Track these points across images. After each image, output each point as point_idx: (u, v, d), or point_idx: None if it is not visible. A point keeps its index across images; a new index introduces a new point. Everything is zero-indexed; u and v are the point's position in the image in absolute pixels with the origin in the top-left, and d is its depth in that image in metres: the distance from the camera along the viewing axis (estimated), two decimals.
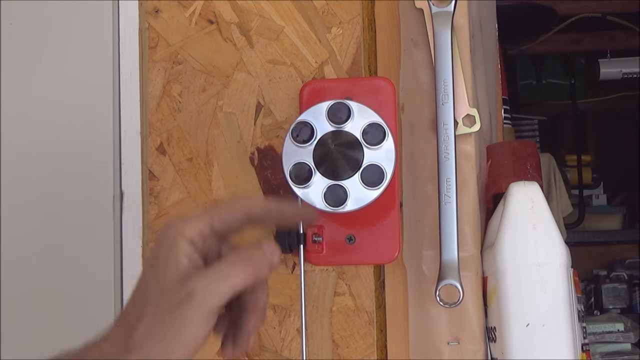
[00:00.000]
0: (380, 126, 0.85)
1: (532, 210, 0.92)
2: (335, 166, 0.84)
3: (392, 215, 0.93)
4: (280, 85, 1.01)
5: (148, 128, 1.03)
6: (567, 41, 3.14)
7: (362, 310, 0.97)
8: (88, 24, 1.05)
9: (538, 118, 3.43)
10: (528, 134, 3.40)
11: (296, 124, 0.86)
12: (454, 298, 0.91)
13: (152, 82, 1.03)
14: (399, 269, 0.98)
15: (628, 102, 3.37)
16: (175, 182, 1.02)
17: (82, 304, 1.01)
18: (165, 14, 1.04)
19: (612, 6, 2.84)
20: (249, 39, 1.02)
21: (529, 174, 0.98)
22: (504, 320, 0.90)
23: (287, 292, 0.98)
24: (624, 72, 3.13)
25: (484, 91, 1.06)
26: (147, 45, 1.04)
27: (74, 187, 1.03)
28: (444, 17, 0.97)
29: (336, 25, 1.01)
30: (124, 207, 1.02)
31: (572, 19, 2.87)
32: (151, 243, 1.01)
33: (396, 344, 0.98)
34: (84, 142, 1.03)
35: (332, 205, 0.84)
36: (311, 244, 0.93)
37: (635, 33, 2.97)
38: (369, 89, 0.94)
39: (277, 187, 1.00)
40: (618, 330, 2.60)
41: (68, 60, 1.05)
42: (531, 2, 2.67)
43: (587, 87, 3.38)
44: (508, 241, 0.92)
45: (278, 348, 0.98)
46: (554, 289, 0.90)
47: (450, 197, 0.92)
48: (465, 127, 0.97)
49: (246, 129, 1.01)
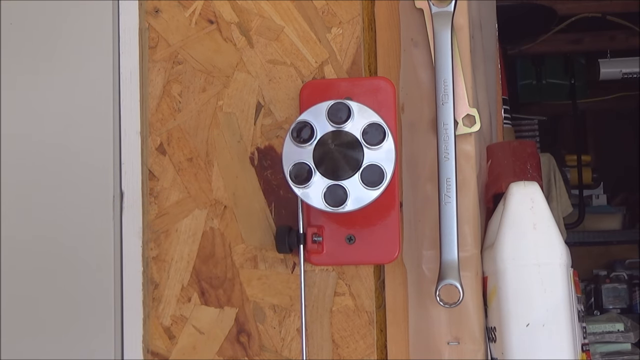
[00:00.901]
0: (380, 126, 0.85)
1: (532, 210, 0.92)
2: (335, 166, 0.84)
3: (392, 215, 0.93)
4: (280, 85, 1.01)
5: (148, 128, 1.03)
6: (567, 41, 3.14)
7: (362, 310, 0.97)
8: (88, 24, 1.05)
9: (538, 118, 3.43)
10: (528, 134, 3.40)
11: (296, 124, 0.86)
12: (454, 298, 0.91)
13: (152, 82, 1.03)
14: (399, 269, 0.98)
15: (628, 102, 3.37)
16: (175, 182, 1.02)
17: (82, 304, 1.01)
18: (165, 14, 1.04)
19: (612, 6, 2.84)
20: (249, 39, 1.02)
21: (529, 174, 0.98)
22: (504, 320, 0.90)
23: (287, 292, 0.98)
24: (624, 72, 3.13)
25: (484, 91, 1.06)
26: (147, 45, 1.04)
27: (74, 187, 1.03)
28: (444, 17, 0.97)
29: (336, 25, 1.01)
30: (124, 207, 1.02)
31: (572, 19, 2.87)
32: (151, 243, 1.01)
33: (396, 344, 0.98)
34: (84, 142, 1.03)
35: (332, 205, 0.84)
36: (311, 244, 0.93)
37: (635, 33, 2.97)
38: (369, 89, 0.94)
39: (277, 187, 1.00)
40: (618, 330, 2.60)
41: (68, 60, 1.05)
42: (531, 2, 2.67)
43: (587, 87, 3.38)
44: (508, 241, 0.92)
45: (278, 348, 0.98)
46: (554, 289, 0.90)
47: (450, 197, 0.92)
48: (465, 127, 0.97)
49: (246, 129, 1.01)
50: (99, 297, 1.01)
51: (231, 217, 1.00)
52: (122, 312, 1.01)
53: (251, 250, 0.99)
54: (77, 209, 1.02)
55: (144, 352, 1.00)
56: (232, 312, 0.99)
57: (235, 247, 1.00)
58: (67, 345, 1.01)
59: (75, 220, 1.02)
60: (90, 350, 1.00)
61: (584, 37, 3.14)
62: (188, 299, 1.00)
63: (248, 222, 1.00)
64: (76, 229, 1.02)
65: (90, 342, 1.01)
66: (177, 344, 1.00)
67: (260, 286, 0.99)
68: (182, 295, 1.00)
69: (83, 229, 1.02)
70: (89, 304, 1.01)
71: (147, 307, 1.00)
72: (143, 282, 1.01)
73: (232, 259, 1.00)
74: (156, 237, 1.01)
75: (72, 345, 1.01)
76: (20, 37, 1.05)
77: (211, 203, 1.01)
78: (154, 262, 1.01)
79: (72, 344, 1.01)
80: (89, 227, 1.02)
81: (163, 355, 1.00)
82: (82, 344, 1.01)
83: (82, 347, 1.01)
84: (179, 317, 1.00)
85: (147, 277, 1.01)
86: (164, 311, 1.00)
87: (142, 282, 1.01)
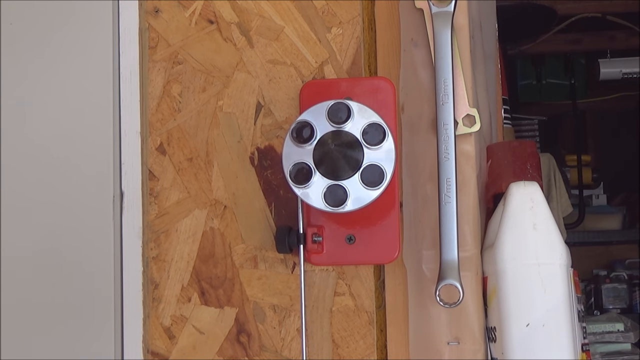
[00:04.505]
0: (380, 126, 0.85)
1: (532, 210, 0.92)
2: (335, 166, 0.84)
3: (392, 215, 0.93)
4: (280, 85, 1.01)
5: (148, 128, 1.03)
6: (567, 41, 3.14)
7: (362, 310, 0.97)
8: (88, 24, 1.05)
9: (538, 118, 3.43)
10: (528, 134, 3.40)
11: (296, 124, 0.86)
12: (454, 298, 0.91)
13: (152, 82, 1.03)
14: (399, 269, 0.98)
15: (628, 102, 3.36)
16: (175, 182, 1.02)
17: (82, 304, 1.01)
18: (165, 14, 1.04)
19: (612, 6, 2.84)
20: (249, 39, 1.02)
21: (529, 174, 0.98)
22: (504, 320, 0.90)
23: (287, 292, 0.98)
24: (624, 72, 3.13)
25: (484, 91, 1.06)
26: (147, 45, 1.04)
27: (74, 187, 1.03)
28: (444, 17, 0.97)
29: (336, 25, 1.01)
30: (124, 207, 1.03)
31: (572, 19, 2.87)
32: (151, 243, 1.01)
33: (396, 344, 0.98)
34: (84, 142, 1.03)
35: (332, 205, 0.84)
36: (311, 244, 0.93)
37: (635, 33, 2.97)
38: (369, 89, 0.94)
39: (277, 187, 1.00)
40: (618, 330, 2.60)
41: (68, 60, 1.05)
42: (531, 2, 2.67)
43: (587, 87, 3.38)
44: (508, 241, 0.92)
45: (278, 348, 0.98)
46: (554, 289, 0.90)
47: (450, 197, 0.92)
48: (465, 127, 0.97)
49: (246, 129, 1.01)
50: (99, 297, 1.01)
51: (231, 217, 1.00)
52: (122, 312, 1.01)
53: (251, 250, 0.99)
54: (77, 209, 1.02)
55: (144, 352, 1.00)
56: (232, 312, 0.99)
57: (235, 247, 1.00)
58: (67, 345, 1.01)
59: (76, 220, 1.02)
60: (90, 350, 1.00)
61: (584, 37, 3.14)
62: (188, 299, 1.00)
63: (248, 222, 1.00)
64: (76, 229, 1.02)
65: (90, 342, 1.01)
66: (177, 344, 1.00)
67: (260, 286, 0.99)
68: (182, 295, 1.00)
69: (83, 229, 1.02)
70: (89, 304, 1.01)
71: (147, 307, 1.01)
72: (143, 282, 1.01)
73: (232, 259, 1.00)
74: (156, 237, 1.01)
75: (72, 345, 1.01)
76: (20, 37, 1.05)
77: (211, 203, 1.01)
78: (154, 262, 1.01)
79: (72, 344, 1.01)
80: (89, 227, 1.02)
81: (163, 355, 1.00)
82: (82, 344, 1.01)
83: (82, 347, 1.01)
84: (179, 317, 1.00)
85: (147, 277, 1.01)
86: (164, 311, 1.00)
87: (142, 282, 1.01)
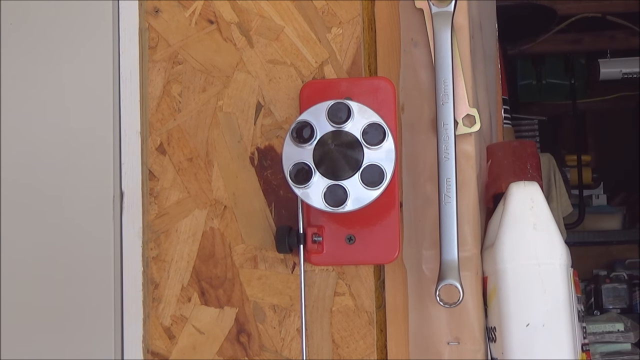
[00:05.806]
0: (380, 126, 0.85)
1: (532, 210, 0.92)
2: (335, 166, 0.84)
3: (392, 215, 0.93)
4: (280, 85, 1.01)
5: (148, 128, 1.03)
6: (567, 41, 3.14)
7: (362, 310, 0.97)
8: (88, 24, 1.05)
9: (538, 118, 3.43)
10: (528, 134, 3.40)
11: (296, 124, 0.86)
12: (454, 298, 0.91)
13: (152, 82, 1.03)
14: (399, 269, 0.98)
15: (628, 102, 3.36)
16: (175, 182, 1.02)
17: (82, 304, 1.01)
18: (165, 14, 1.04)
19: (612, 6, 2.84)
20: (249, 39, 1.02)
21: (529, 174, 0.98)
22: (504, 320, 0.90)
23: (287, 292, 0.98)
24: (624, 72, 3.13)
25: (484, 91, 1.06)
26: (147, 45, 1.04)
27: (74, 187, 1.03)
28: (444, 17, 0.97)
29: (336, 25, 1.01)
30: (124, 207, 1.03)
31: (572, 19, 2.87)
32: (151, 243, 1.01)
33: (396, 344, 0.98)
34: (84, 142, 1.03)
35: (332, 205, 0.84)
36: (311, 244, 0.93)
37: (635, 33, 2.97)
38: (369, 89, 0.94)
39: (277, 187, 1.00)
40: (618, 330, 2.60)
41: (68, 60, 1.05)
42: (531, 2, 2.67)
43: (587, 87, 3.37)
44: (508, 241, 0.92)
45: (278, 348, 0.98)
46: (554, 289, 0.90)
47: (450, 197, 0.93)
48: (465, 127, 0.97)
49: (246, 129, 1.01)
50: (99, 297, 1.01)
51: (231, 217, 1.00)
52: (122, 312, 1.01)
53: (251, 250, 0.99)
54: (77, 209, 1.02)
55: (144, 352, 1.00)
56: (232, 312, 0.99)
57: (235, 247, 1.00)
58: (67, 345, 1.01)
59: (76, 220, 1.02)
60: (90, 350, 1.00)
61: (584, 37, 3.14)
62: (188, 299, 1.00)
63: (248, 222, 1.00)
64: (76, 229, 1.02)
65: (90, 342, 1.01)
66: (177, 344, 1.00)
67: (260, 286, 0.99)
68: (182, 295, 1.00)
69: (83, 228, 1.02)
70: (89, 304, 1.01)
71: (147, 307, 1.01)
72: (143, 282, 1.01)
73: (232, 259, 1.00)
74: (156, 237, 1.01)
75: (72, 345, 1.01)
76: (20, 37, 1.05)
77: (211, 203, 1.01)
78: (154, 262, 1.01)
79: (72, 344, 1.01)
80: (89, 227, 1.02)
81: (163, 355, 1.00)
82: (82, 344, 1.01)
83: (82, 347, 1.01)
84: (179, 317, 1.00)
85: (147, 277, 1.01)
86: (164, 311, 1.00)
87: (142, 282, 1.01)
